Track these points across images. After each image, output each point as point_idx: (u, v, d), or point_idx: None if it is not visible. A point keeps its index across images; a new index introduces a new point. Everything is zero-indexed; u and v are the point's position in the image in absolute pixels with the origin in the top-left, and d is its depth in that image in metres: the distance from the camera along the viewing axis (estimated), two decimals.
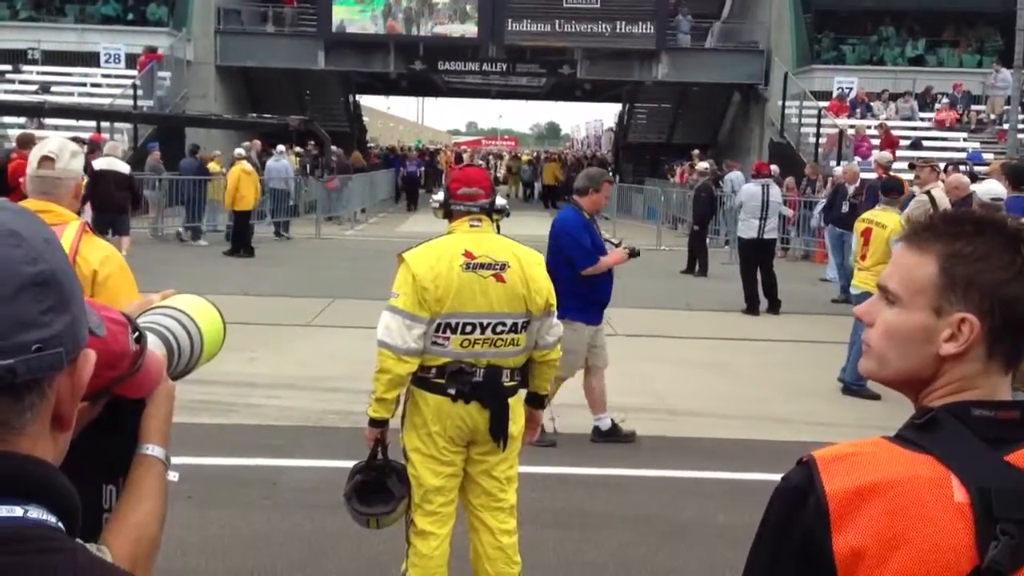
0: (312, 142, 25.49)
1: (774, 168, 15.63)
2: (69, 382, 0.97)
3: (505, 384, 3.72)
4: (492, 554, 3.79)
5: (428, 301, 3.55)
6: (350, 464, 6.20)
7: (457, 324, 3.59)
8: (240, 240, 16.47)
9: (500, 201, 3.85)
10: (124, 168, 13.87)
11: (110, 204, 13.13)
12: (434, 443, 3.67)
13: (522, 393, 3.86)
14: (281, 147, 21.53)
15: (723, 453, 6.49)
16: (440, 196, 3.87)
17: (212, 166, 19.81)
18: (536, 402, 3.98)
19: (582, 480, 5.93)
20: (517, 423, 3.80)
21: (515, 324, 3.66)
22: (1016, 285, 1.25)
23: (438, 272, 3.57)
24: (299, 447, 6.27)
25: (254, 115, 27.57)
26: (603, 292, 6.63)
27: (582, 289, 6.36)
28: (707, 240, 16.45)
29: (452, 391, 3.63)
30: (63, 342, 0.94)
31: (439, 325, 3.59)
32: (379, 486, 3.76)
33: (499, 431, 3.68)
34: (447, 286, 3.56)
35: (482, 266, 3.62)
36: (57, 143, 3.37)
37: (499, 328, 3.63)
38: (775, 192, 13.01)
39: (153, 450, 1.40)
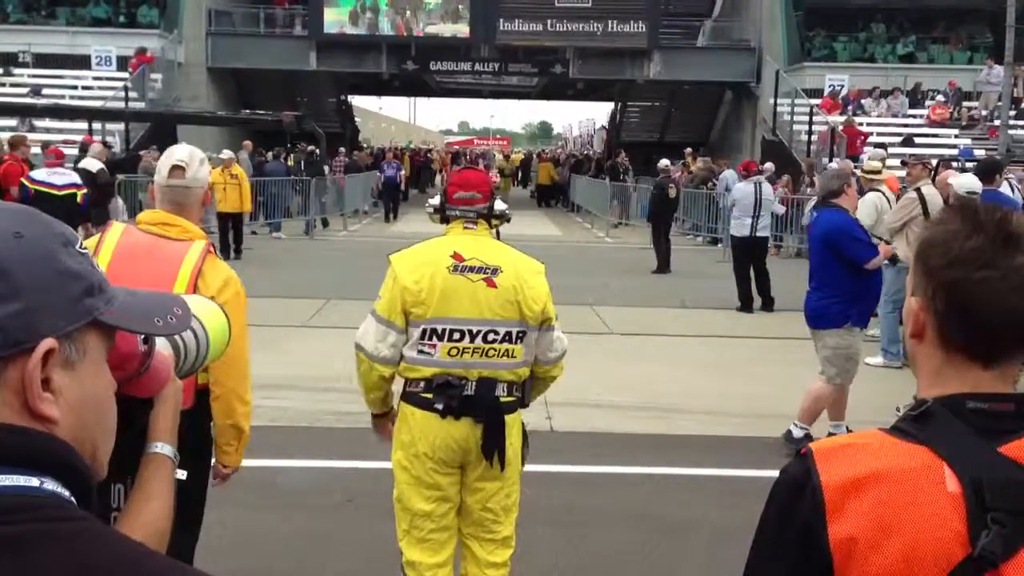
0: (303, 142, 25.47)
1: (769, 165, 15.59)
2: (17, 374, 0.93)
3: (501, 399, 3.42)
4: None
5: (408, 303, 3.35)
6: (347, 464, 6.22)
7: (444, 330, 3.34)
8: (227, 242, 16.48)
9: (500, 206, 3.60)
10: (92, 166, 14.55)
11: None
12: (420, 463, 3.42)
13: (520, 413, 3.57)
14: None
15: (717, 450, 6.51)
16: (436, 200, 3.67)
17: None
18: None
19: (576, 478, 5.95)
20: (515, 444, 3.50)
21: (508, 333, 3.38)
22: (955, 270, 1.27)
23: (422, 274, 3.37)
24: (296, 447, 6.29)
25: (247, 112, 27.54)
26: (878, 294, 6.55)
27: (860, 292, 6.25)
28: (664, 238, 16.00)
29: (440, 406, 3.36)
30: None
31: (425, 331, 3.36)
32: None
33: (492, 448, 3.40)
34: (431, 288, 3.34)
35: (471, 269, 3.38)
36: (186, 151, 3.28)
37: (490, 336, 3.37)
38: (767, 190, 13.06)
39: (162, 448, 1.43)
